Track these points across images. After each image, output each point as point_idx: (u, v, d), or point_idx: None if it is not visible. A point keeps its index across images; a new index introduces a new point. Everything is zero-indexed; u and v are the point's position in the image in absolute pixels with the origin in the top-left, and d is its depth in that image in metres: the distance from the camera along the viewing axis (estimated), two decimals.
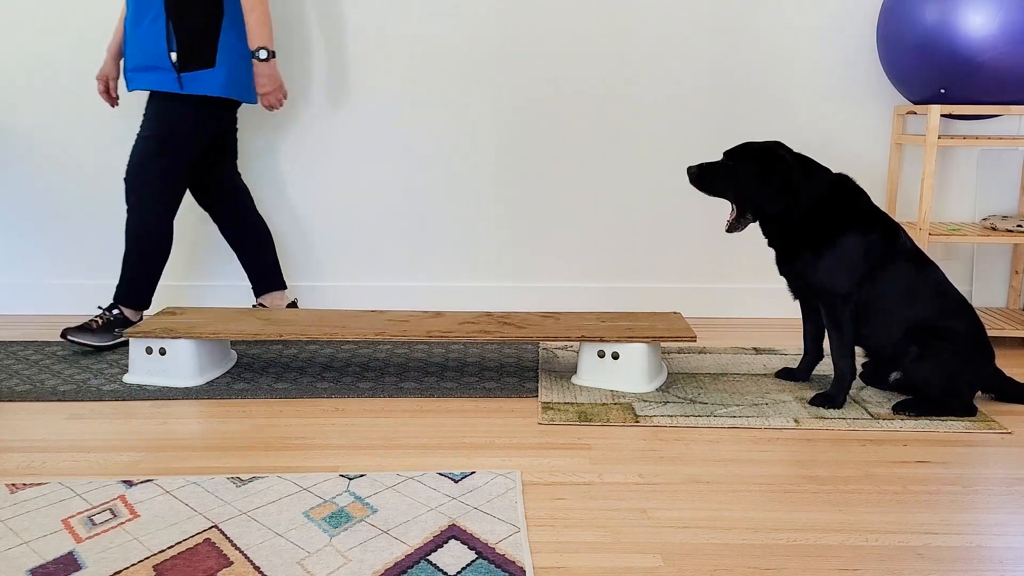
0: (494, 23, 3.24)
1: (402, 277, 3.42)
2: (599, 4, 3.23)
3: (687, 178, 2.49)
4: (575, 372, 2.63)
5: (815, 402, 2.41)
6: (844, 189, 2.39)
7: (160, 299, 3.41)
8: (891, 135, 3.30)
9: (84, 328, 2.83)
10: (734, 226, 2.42)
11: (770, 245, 2.46)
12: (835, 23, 3.25)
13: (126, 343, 2.88)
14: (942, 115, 2.94)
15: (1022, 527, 1.74)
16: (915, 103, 3.09)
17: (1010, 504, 1.83)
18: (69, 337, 2.80)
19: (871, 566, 1.58)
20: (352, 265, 3.42)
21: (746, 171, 2.35)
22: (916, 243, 2.43)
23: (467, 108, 3.29)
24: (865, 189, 2.49)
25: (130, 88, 2.80)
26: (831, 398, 2.40)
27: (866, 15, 3.24)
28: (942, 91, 2.89)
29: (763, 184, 2.34)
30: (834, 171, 2.43)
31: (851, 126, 3.32)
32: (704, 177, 2.39)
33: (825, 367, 2.61)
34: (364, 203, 3.36)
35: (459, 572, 1.54)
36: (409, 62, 3.27)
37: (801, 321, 2.60)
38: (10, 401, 2.43)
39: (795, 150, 2.47)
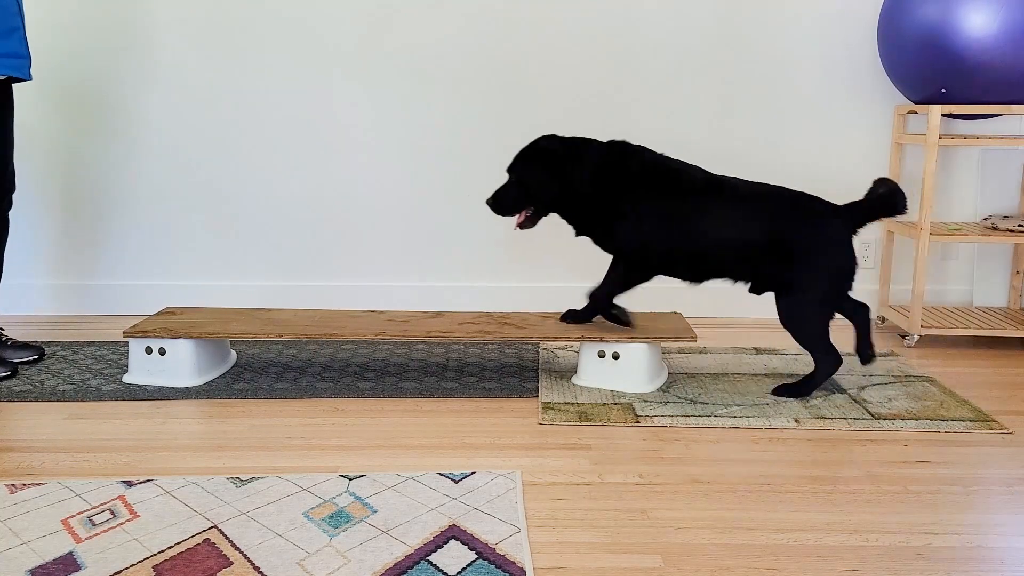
0: (495, 26, 3.24)
1: (402, 277, 3.42)
2: (599, 7, 3.23)
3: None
4: (575, 372, 2.63)
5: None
6: (618, 155, 2.44)
7: (160, 299, 3.41)
8: (892, 135, 3.30)
9: (19, 346, 2.79)
10: (528, 223, 2.48)
11: (578, 234, 2.52)
12: (836, 23, 3.25)
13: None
14: (943, 115, 2.94)
15: (1022, 527, 1.73)
16: (916, 103, 3.08)
17: (1010, 504, 1.83)
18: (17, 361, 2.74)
19: (871, 566, 1.58)
20: (352, 265, 3.42)
21: (531, 176, 2.43)
22: (710, 173, 2.47)
23: (467, 109, 3.29)
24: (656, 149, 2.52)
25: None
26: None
27: (866, 15, 3.24)
28: (943, 91, 2.89)
29: (546, 179, 2.41)
30: (612, 140, 2.50)
31: (851, 126, 3.32)
32: (500, 202, 2.46)
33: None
34: (364, 203, 3.36)
35: (459, 572, 1.53)
36: (411, 63, 3.27)
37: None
38: (10, 401, 2.43)
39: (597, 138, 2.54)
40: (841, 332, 3.24)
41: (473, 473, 1.95)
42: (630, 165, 2.43)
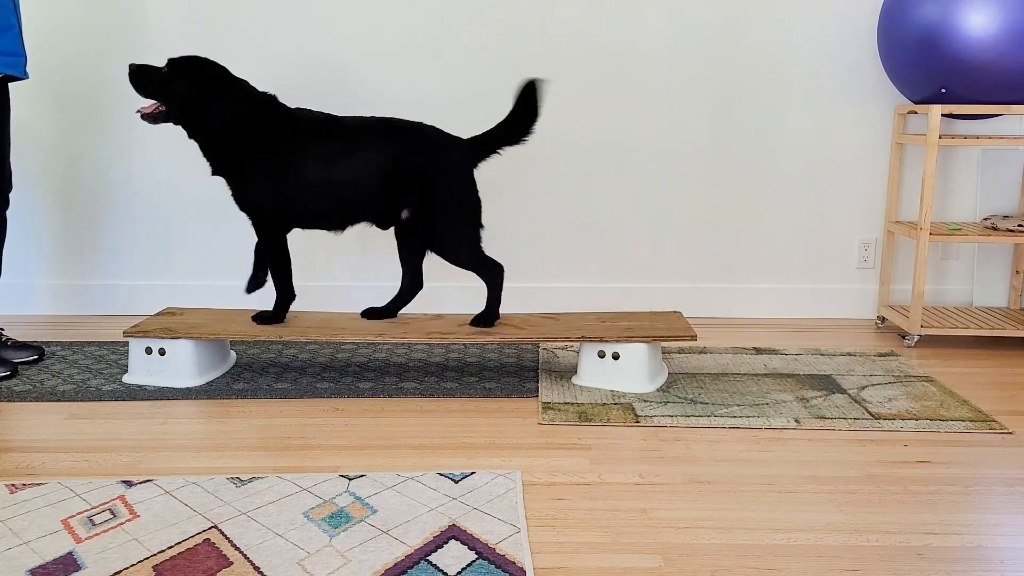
0: (494, 26, 3.24)
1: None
2: (599, 6, 3.23)
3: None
4: (575, 372, 2.63)
5: (257, 319, 2.60)
6: (261, 108, 2.48)
7: (160, 299, 3.41)
8: (892, 135, 3.30)
9: (19, 346, 2.78)
10: (150, 118, 2.47)
11: (214, 173, 2.53)
12: (836, 23, 3.25)
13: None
14: (943, 115, 2.94)
15: (1022, 527, 1.73)
16: (916, 103, 3.08)
17: (1010, 504, 1.83)
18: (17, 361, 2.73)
19: (872, 566, 1.58)
20: (352, 265, 3.42)
21: (176, 79, 2.44)
22: (325, 114, 2.52)
23: (465, 110, 3.29)
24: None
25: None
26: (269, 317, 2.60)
27: (866, 15, 3.24)
28: (943, 91, 2.89)
29: (183, 92, 2.43)
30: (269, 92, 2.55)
31: (851, 126, 3.32)
32: (141, 78, 2.46)
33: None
34: None
35: (459, 572, 1.53)
36: (407, 63, 3.27)
37: None
38: (10, 401, 2.43)
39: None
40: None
41: (473, 473, 1.95)
42: (258, 120, 2.47)
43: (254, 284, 2.65)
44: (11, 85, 2.65)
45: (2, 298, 3.39)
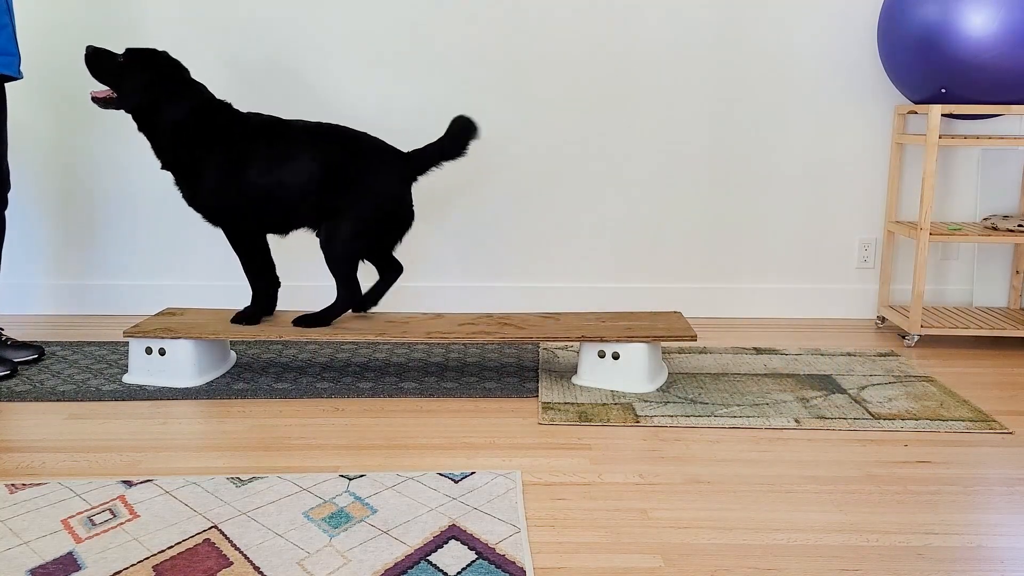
0: (494, 26, 3.24)
1: (402, 278, 3.41)
2: (599, 6, 3.23)
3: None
4: (575, 372, 2.63)
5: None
6: (211, 110, 2.50)
7: (160, 299, 3.41)
8: (891, 135, 3.30)
9: (19, 346, 2.78)
10: (102, 102, 2.48)
11: (163, 167, 2.54)
12: (836, 23, 3.25)
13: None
14: (943, 115, 2.94)
15: (1022, 527, 1.73)
16: (916, 103, 3.09)
17: (1010, 504, 1.83)
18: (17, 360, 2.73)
19: (872, 566, 1.58)
20: None
21: (132, 71, 2.45)
22: (273, 117, 2.56)
23: (463, 110, 3.29)
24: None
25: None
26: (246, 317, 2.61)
27: (867, 15, 3.24)
28: (942, 91, 2.89)
29: (137, 87, 2.44)
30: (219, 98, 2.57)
31: (851, 126, 3.32)
32: (98, 62, 2.47)
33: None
34: None
35: (459, 572, 1.54)
36: (408, 64, 3.27)
37: None
38: (10, 401, 2.43)
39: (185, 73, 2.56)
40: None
41: (473, 473, 1.95)
42: (208, 121, 2.49)
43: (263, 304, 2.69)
44: (8, 85, 2.65)
45: (2, 298, 3.39)
